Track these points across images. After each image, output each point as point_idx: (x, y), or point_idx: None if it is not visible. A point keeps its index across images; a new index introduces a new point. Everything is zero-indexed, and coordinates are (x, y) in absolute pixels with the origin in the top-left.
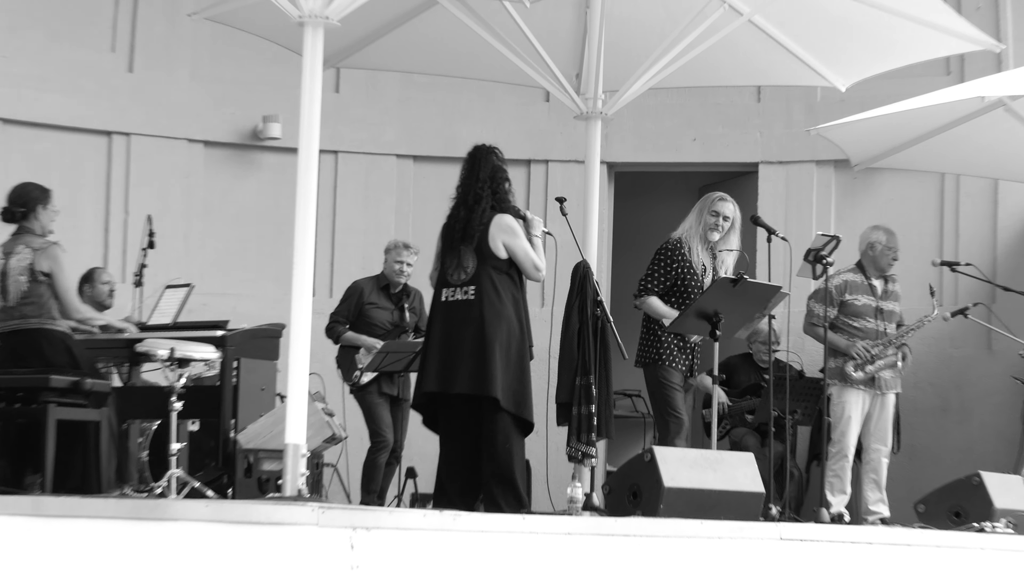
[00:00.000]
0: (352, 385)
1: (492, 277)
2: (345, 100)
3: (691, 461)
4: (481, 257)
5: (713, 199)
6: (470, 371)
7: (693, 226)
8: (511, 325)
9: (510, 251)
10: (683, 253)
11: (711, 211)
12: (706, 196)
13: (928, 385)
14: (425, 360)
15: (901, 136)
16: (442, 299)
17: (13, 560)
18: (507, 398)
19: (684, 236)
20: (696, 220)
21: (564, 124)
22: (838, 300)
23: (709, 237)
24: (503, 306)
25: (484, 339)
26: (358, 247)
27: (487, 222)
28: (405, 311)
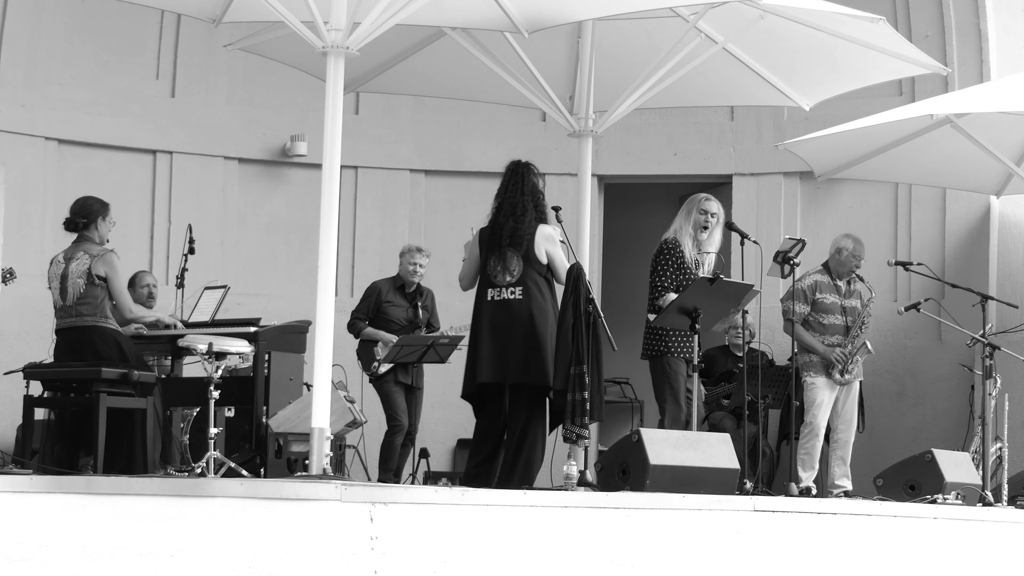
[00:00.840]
0: (371, 375)
1: (536, 280)
2: (364, 121)
3: (674, 441)
4: (527, 262)
5: (700, 199)
6: (524, 363)
7: (683, 226)
8: (553, 322)
9: (550, 258)
10: (680, 251)
11: (700, 210)
12: (692, 198)
13: (886, 373)
14: (477, 354)
15: (859, 150)
16: (488, 298)
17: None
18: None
19: (675, 236)
20: (685, 220)
21: (559, 141)
22: (811, 299)
23: (700, 235)
24: (547, 304)
25: (536, 334)
26: (376, 252)
27: (533, 232)
28: (419, 309)
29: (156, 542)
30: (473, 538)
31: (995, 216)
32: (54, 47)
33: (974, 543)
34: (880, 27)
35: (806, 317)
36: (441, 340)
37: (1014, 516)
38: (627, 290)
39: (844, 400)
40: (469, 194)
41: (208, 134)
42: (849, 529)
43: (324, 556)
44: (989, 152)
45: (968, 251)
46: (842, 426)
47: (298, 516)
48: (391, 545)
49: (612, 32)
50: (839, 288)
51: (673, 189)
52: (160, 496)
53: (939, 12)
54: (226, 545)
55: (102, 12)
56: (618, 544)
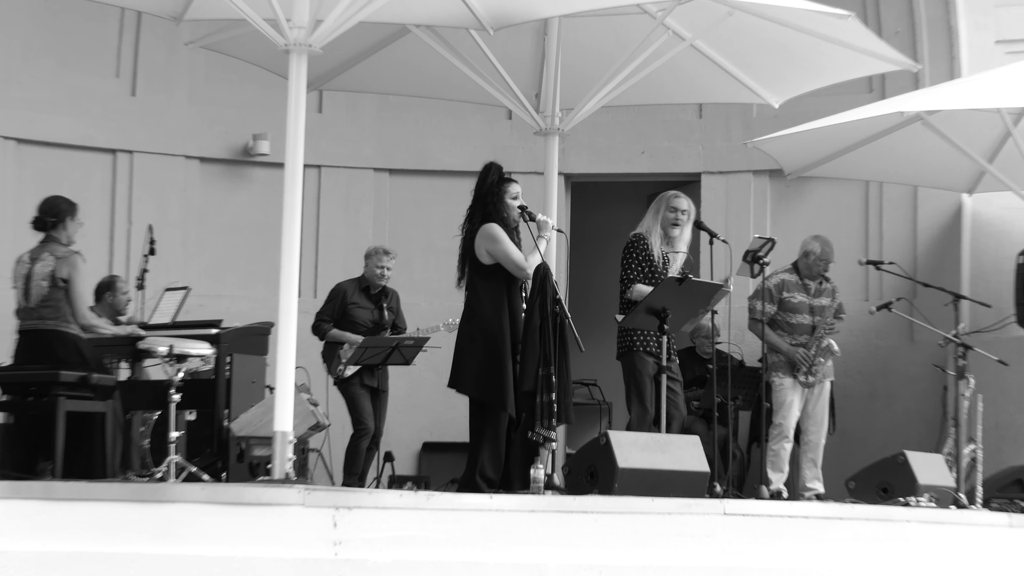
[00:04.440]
0: (336, 377)
1: (477, 283)
2: (327, 119)
3: (643, 444)
4: (472, 265)
5: (669, 197)
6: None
7: (652, 224)
8: (485, 321)
9: (494, 256)
10: (648, 246)
11: (669, 207)
12: (661, 196)
13: (857, 373)
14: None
15: (829, 147)
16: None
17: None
18: (471, 385)
19: (644, 232)
20: (654, 218)
21: (525, 139)
22: (777, 297)
23: (670, 232)
24: (479, 305)
25: (458, 339)
26: (340, 252)
27: (475, 233)
28: (384, 310)
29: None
30: (438, 543)
31: (967, 214)
32: (13, 45)
33: (948, 547)
34: (849, 23)
35: (774, 316)
36: (406, 342)
37: (988, 519)
38: (595, 291)
39: (814, 401)
40: (434, 193)
41: (169, 133)
42: (821, 532)
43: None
44: (961, 150)
45: (940, 250)
46: (812, 428)
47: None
48: (355, 551)
49: (579, 29)
50: (807, 287)
51: (641, 188)
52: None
53: (909, 8)
54: (187, 551)
55: (62, 10)
56: (586, 548)
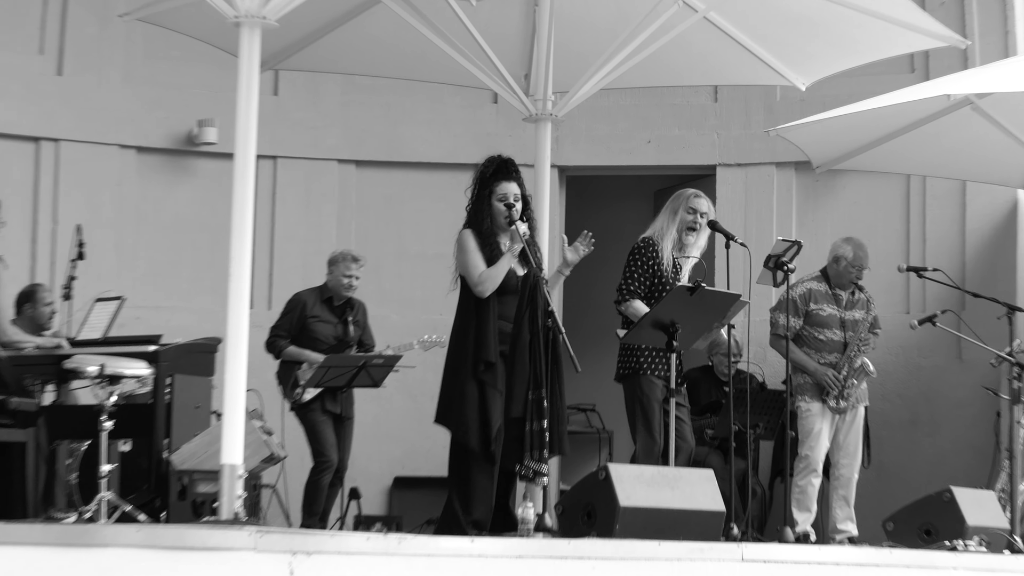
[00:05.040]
0: (293, 402)
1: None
2: (284, 103)
3: (648, 479)
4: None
5: (688, 196)
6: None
7: (666, 226)
8: (458, 339)
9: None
10: (657, 252)
11: (688, 208)
12: (679, 194)
13: (896, 397)
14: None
15: (864, 136)
16: None
17: None
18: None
19: (655, 236)
20: (669, 220)
21: (513, 127)
22: (803, 310)
23: (686, 238)
24: (460, 321)
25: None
26: (298, 257)
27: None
28: (349, 325)
29: None
30: None
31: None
32: None
33: None
34: None
35: (800, 331)
36: (375, 361)
37: None
38: (594, 301)
39: (847, 430)
40: (407, 188)
41: (101, 119)
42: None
43: None
44: (1016, 138)
45: (992, 254)
46: (844, 460)
47: (205, 569)
48: None
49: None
50: (838, 298)
51: (647, 182)
52: (43, 546)
53: None
54: None
55: None
56: None
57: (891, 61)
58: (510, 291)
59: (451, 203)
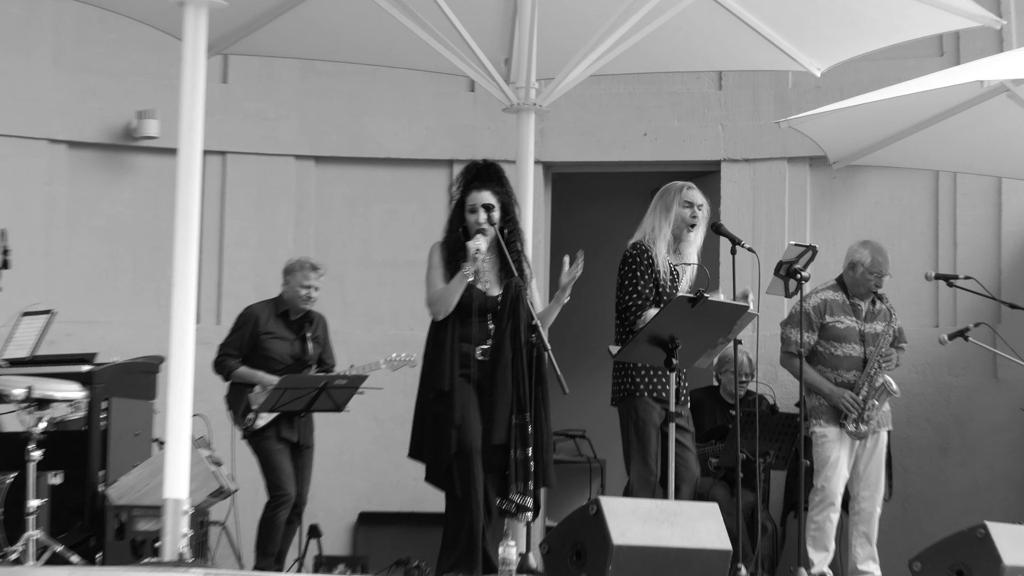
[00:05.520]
0: (245, 429)
1: None
2: (234, 92)
3: (644, 514)
4: None
5: (679, 188)
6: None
7: (658, 226)
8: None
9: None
10: (651, 258)
11: (683, 202)
12: (666, 188)
13: (924, 421)
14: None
15: (887, 128)
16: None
17: None
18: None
19: (646, 240)
20: (662, 218)
21: (491, 118)
22: (818, 323)
23: (686, 235)
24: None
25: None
26: (251, 265)
27: None
28: (308, 341)
29: None
30: None
31: None
32: None
33: None
34: None
35: (814, 347)
36: (337, 382)
37: None
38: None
39: (867, 458)
40: (374, 187)
41: (28, 110)
42: None
43: None
44: None
45: None
46: (865, 493)
47: None
48: None
49: None
50: (856, 309)
51: (643, 180)
52: None
53: None
54: None
55: None
56: None
57: (917, 43)
58: (474, 312)
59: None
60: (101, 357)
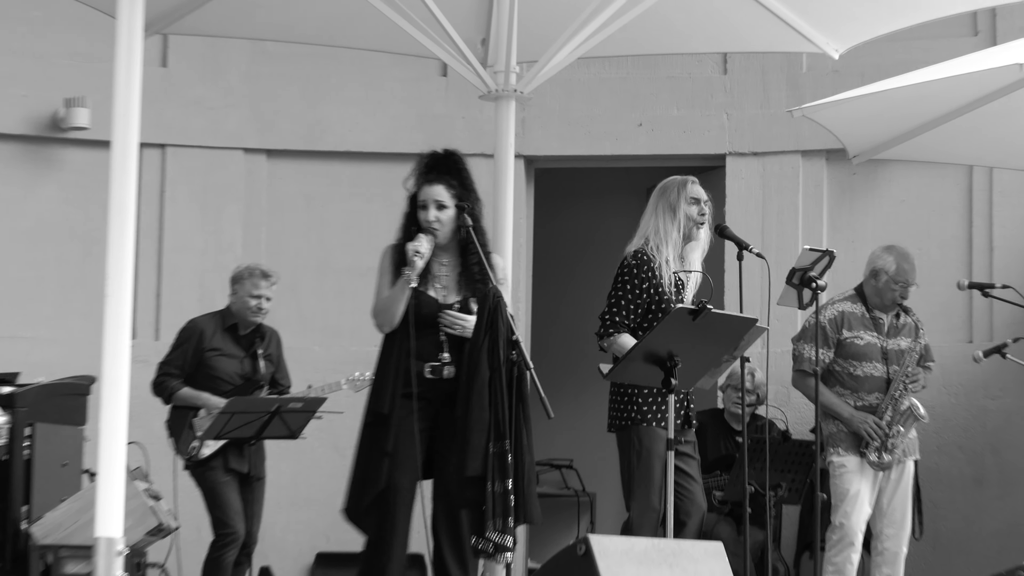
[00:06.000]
0: (188, 458)
1: None
2: (175, 77)
3: (640, 554)
4: None
5: (682, 183)
6: None
7: (663, 229)
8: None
9: None
10: (654, 270)
11: (690, 198)
12: (665, 186)
13: (957, 449)
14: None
15: (915, 118)
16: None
17: None
18: None
19: (651, 247)
20: (667, 219)
21: (466, 106)
22: (835, 338)
23: (696, 233)
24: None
25: None
26: (194, 272)
27: None
28: (258, 359)
29: None
30: None
31: None
32: None
33: None
34: None
35: (831, 366)
36: (291, 405)
37: None
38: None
39: (891, 491)
40: (333, 185)
41: None
42: None
43: None
44: None
45: None
46: (890, 530)
47: None
48: None
49: None
50: (878, 322)
51: (638, 177)
52: None
53: None
54: None
55: None
56: None
57: (948, 22)
58: (426, 323)
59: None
60: (24, 377)
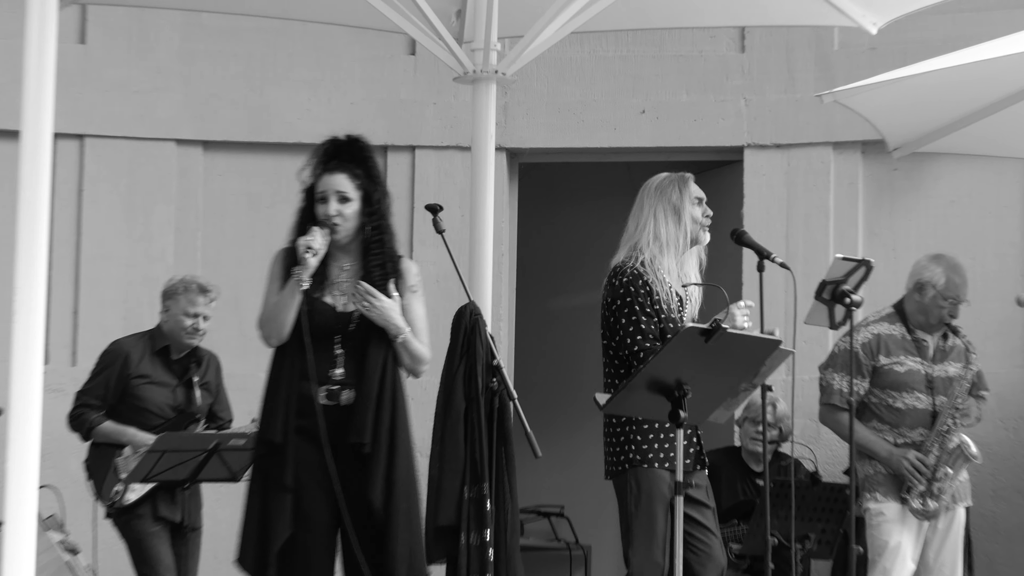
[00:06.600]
0: (110, 504)
1: None
2: (95, 56)
3: None
4: None
5: (684, 180)
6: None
7: (668, 236)
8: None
9: None
10: (649, 286)
11: (694, 198)
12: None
13: (1016, 494)
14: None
15: (966, 104)
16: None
17: None
18: None
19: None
20: (671, 223)
21: (439, 90)
22: (871, 364)
23: (701, 239)
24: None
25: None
26: (118, 285)
27: None
28: (194, 388)
29: None
30: None
31: None
32: None
33: None
34: None
35: (865, 397)
36: (232, 442)
37: None
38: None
39: (939, 543)
40: (281, 182)
41: None
42: None
43: None
44: None
45: None
46: None
47: None
48: None
49: None
50: (922, 345)
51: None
52: None
53: None
54: None
55: None
56: None
57: None
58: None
59: None
60: None
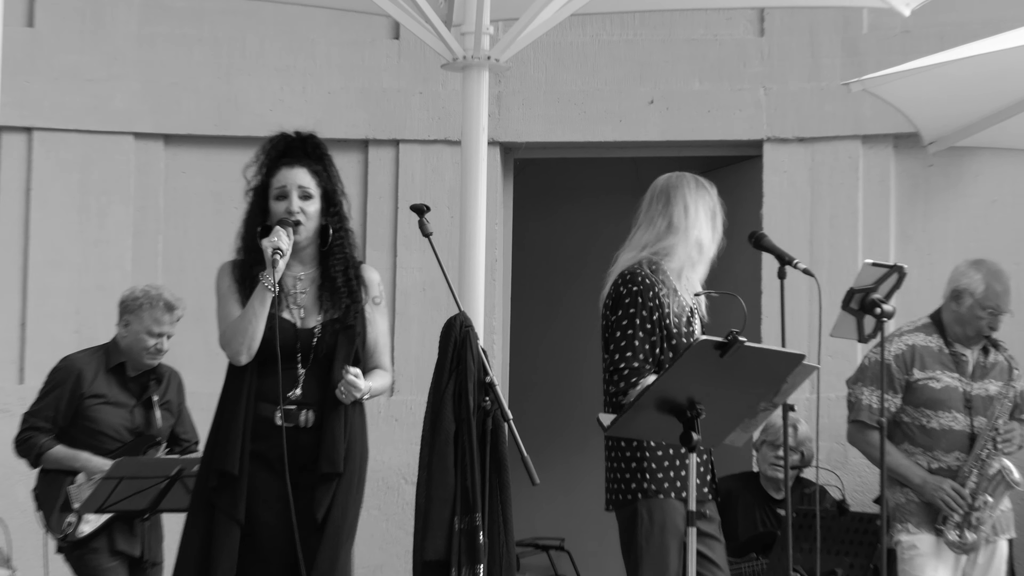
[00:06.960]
0: (62, 538)
1: None
2: (45, 40)
3: None
4: None
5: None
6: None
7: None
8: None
9: None
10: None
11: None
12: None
13: None
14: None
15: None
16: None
17: None
18: None
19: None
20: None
21: (425, 78)
22: (902, 380)
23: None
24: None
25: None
26: (70, 294)
27: None
28: (154, 408)
29: None
30: None
31: None
32: None
33: None
34: None
35: (896, 416)
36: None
37: None
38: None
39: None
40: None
41: None
42: None
43: None
44: None
45: None
46: None
47: None
48: None
49: None
50: (961, 360)
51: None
52: None
53: None
54: None
55: None
56: None
57: None
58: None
59: None
60: None
